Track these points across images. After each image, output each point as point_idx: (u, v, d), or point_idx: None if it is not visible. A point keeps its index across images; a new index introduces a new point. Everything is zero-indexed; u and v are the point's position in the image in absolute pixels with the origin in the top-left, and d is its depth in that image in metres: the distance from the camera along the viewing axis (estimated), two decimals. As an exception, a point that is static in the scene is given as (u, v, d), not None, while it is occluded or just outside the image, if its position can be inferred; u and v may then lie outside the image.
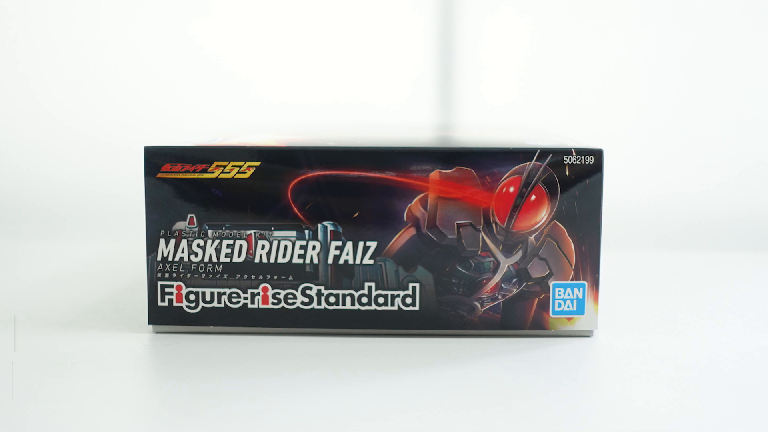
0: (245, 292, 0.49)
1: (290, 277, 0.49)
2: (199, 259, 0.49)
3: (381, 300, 0.49)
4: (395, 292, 0.49)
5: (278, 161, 0.48)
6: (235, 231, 0.48)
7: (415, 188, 0.48)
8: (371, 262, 0.48)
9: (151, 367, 0.46)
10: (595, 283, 0.49)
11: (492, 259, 0.48)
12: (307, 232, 0.48)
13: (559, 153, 0.48)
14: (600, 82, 1.01)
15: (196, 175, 0.48)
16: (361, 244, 0.48)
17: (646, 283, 0.64)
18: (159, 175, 0.48)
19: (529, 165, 0.48)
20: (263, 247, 0.48)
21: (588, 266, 0.49)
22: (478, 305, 0.49)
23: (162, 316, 0.49)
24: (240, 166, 0.48)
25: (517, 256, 0.48)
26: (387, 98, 1.02)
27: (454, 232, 0.48)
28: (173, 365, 0.45)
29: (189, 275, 0.49)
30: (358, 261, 0.48)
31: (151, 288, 0.49)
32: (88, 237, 0.82)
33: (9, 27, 1.01)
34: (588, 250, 0.48)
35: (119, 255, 0.72)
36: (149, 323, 0.49)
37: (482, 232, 0.48)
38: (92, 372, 0.44)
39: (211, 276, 0.49)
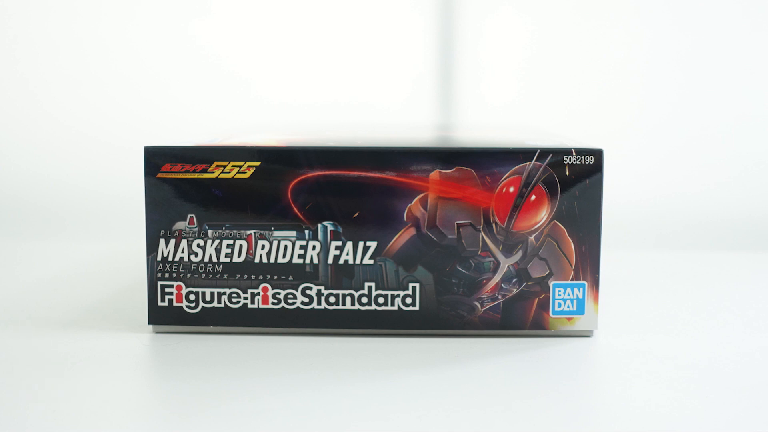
0: (245, 292, 0.49)
1: (290, 277, 0.49)
2: (199, 259, 0.49)
3: (381, 300, 0.49)
4: (395, 292, 0.49)
5: (278, 161, 0.48)
6: (235, 231, 0.48)
7: (415, 188, 0.48)
8: (371, 262, 0.48)
9: (151, 367, 0.45)
10: (595, 283, 0.49)
11: (492, 259, 0.48)
12: (307, 232, 0.48)
13: (559, 153, 0.48)
14: (600, 82, 1.01)
15: (196, 175, 0.48)
16: (361, 244, 0.48)
17: (646, 283, 0.64)
18: (159, 175, 0.48)
19: (529, 165, 0.48)
20: (263, 247, 0.48)
21: (588, 266, 0.49)
22: (478, 305, 0.49)
23: (162, 316, 0.49)
24: (240, 166, 0.48)
25: (517, 256, 0.48)
26: (387, 98, 1.02)
27: (454, 232, 0.48)
28: (173, 365, 0.45)
29: (189, 275, 0.49)
30: (358, 261, 0.48)
31: (151, 288, 0.49)
32: (88, 237, 0.82)
33: (9, 27, 1.01)
34: (588, 250, 0.48)
35: (119, 255, 0.72)
36: (149, 323, 0.49)
37: (482, 232, 0.48)
38: (92, 372, 0.43)
39: (211, 276, 0.49)
